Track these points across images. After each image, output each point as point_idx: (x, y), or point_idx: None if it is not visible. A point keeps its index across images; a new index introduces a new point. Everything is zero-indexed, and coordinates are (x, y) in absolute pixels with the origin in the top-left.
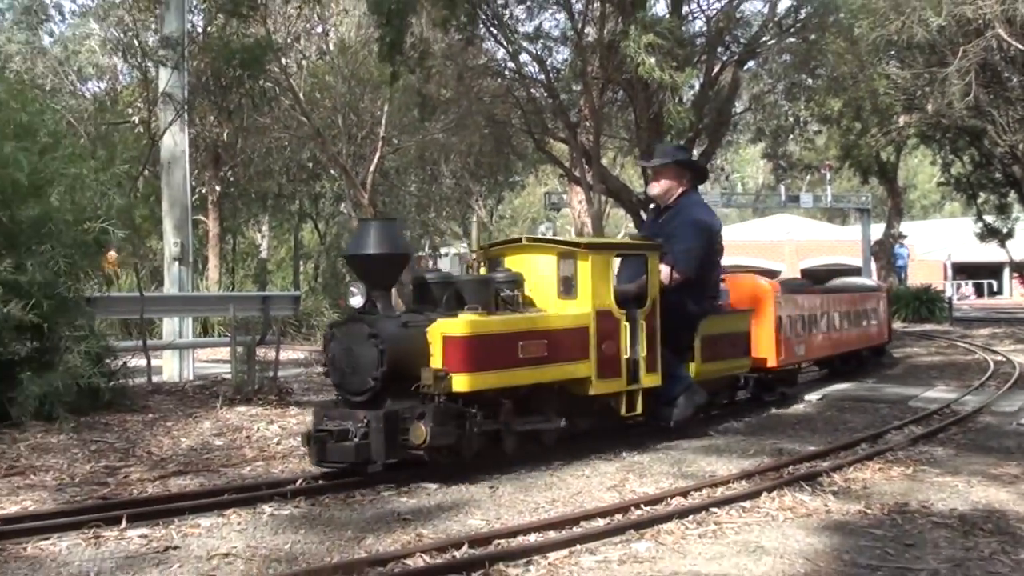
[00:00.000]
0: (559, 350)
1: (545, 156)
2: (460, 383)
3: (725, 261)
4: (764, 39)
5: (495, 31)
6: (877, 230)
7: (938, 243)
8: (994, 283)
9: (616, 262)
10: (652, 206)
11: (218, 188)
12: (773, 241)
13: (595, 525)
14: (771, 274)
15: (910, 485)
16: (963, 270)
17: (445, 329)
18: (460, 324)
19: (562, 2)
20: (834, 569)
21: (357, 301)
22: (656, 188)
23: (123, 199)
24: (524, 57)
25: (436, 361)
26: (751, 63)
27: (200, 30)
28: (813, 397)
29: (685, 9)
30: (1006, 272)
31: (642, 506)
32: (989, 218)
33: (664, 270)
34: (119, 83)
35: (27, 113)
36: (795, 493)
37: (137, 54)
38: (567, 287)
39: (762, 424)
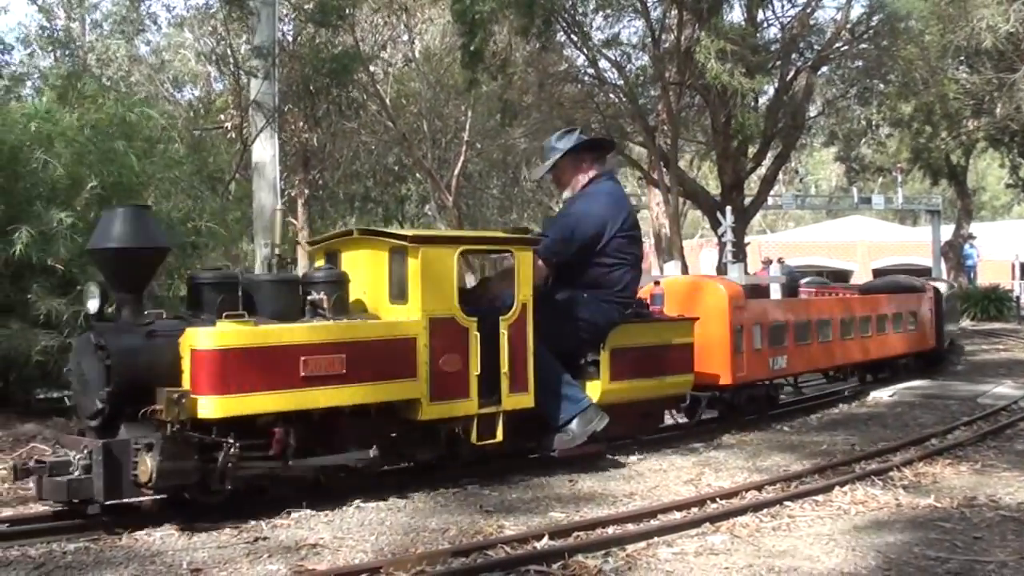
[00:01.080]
0: (367, 366)
1: (624, 159)
2: (208, 408)
3: (797, 262)
4: (837, 45)
5: (574, 38)
6: (947, 231)
7: (1007, 244)
8: None
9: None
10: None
11: (307, 190)
12: (846, 242)
13: (672, 518)
14: (843, 275)
15: (978, 480)
16: None
17: (193, 341)
18: (210, 335)
19: (640, 10)
20: (904, 561)
21: (93, 305)
22: (566, 191)
23: (216, 202)
24: (603, 63)
25: (187, 380)
26: (824, 68)
27: (290, 39)
28: (884, 394)
29: (760, 16)
30: None
31: (718, 500)
32: None
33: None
34: (212, 90)
35: (132, 112)
36: (867, 487)
37: (230, 63)
38: (398, 289)
39: (834, 420)
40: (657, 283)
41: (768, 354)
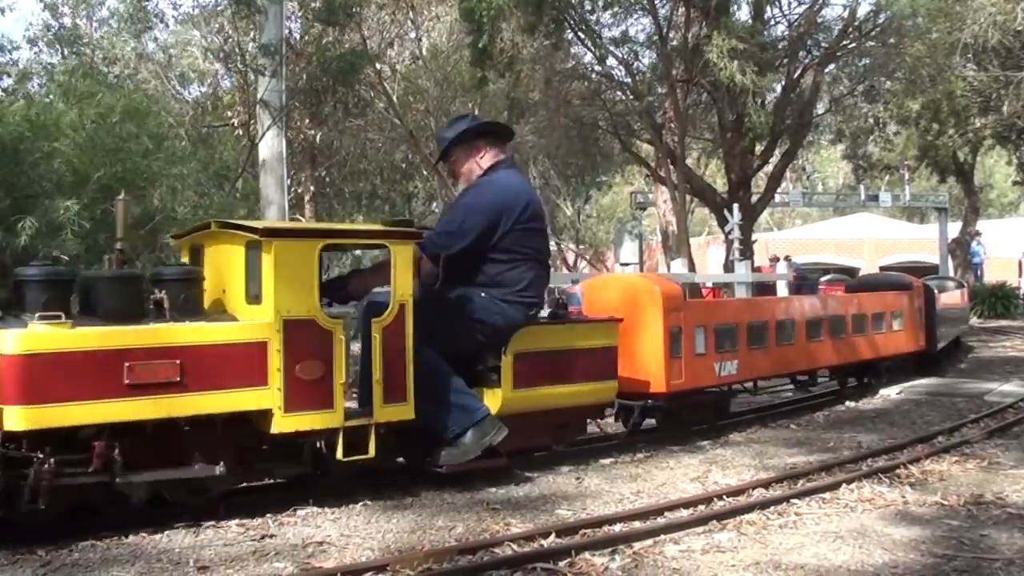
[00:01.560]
0: (205, 374)
1: (631, 156)
2: (13, 419)
3: (804, 260)
4: (844, 43)
5: (582, 36)
6: (954, 228)
7: (1013, 241)
8: None
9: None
10: None
11: (313, 188)
12: (853, 239)
13: (679, 515)
14: (851, 272)
15: (985, 477)
16: None
17: None
18: (15, 338)
19: (648, 7)
20: (911, 559)
21: None
22: (461, 181)
23: (223, 199)
24: (611, 61)
25: None
26: (832, 66)
27: (297, 37)
28: (891, 392)
29: (767, 14)
30: None
31: (724, 497)
32: None
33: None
34: (219, 88)
35: (133, 98)
36: (873, 485)
37: (237, 61)
38: (254, 288)
39: (841, 418)
40: (575, 282)
41: (714, 359)
